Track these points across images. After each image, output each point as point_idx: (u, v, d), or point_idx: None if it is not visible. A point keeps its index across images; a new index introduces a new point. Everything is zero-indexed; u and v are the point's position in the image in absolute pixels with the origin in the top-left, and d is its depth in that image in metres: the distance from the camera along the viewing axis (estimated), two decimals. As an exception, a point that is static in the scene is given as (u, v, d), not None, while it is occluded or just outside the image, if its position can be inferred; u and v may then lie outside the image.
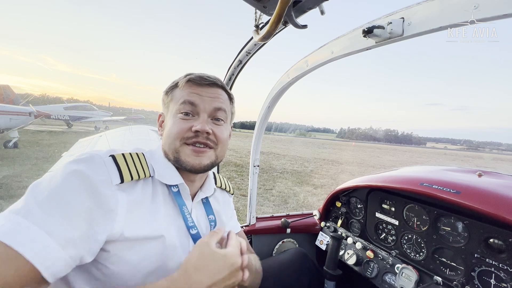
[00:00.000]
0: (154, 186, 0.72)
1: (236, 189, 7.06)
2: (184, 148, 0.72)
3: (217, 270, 0.59)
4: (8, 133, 11.43)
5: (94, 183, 0.57)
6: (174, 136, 0.72)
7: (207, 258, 0.60)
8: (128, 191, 0.64)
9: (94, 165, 0.60)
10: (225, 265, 0.60)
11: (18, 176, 1.97)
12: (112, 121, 29.13)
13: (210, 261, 0.59)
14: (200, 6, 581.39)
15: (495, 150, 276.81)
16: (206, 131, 0.71)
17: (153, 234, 0.65)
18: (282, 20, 0.64)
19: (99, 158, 0.62)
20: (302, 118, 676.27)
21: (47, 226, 0.50)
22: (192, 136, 0.72)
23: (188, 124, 0.72)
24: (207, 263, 0.59)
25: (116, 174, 0.62)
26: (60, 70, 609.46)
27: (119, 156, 0.66)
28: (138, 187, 0.67)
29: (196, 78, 0.76)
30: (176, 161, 0.73)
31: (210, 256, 0.60)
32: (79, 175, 0.56)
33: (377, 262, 1.24)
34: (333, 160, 18.83)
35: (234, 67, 1.40)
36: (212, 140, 0.74)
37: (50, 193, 0.53)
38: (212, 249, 0.61)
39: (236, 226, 1.03)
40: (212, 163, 0.77)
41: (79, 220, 0.53)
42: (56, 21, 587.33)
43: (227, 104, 0.81)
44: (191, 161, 0.72)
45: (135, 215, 0.63)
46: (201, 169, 0.74)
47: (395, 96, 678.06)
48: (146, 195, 0.68)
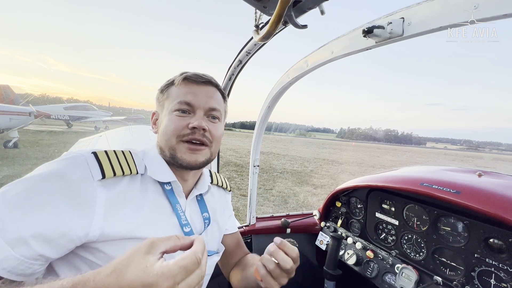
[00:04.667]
0: (143, 183, 0.71)
1: (236, 189, 7.06)
2: (180, 145, 0.72)
3: (129, 279, 0.43)
4: (8, 133, 11.43)
5: (66, 180, 0.57)
6: (171, 133, 0.72)
7: (129, 262, 0.44)
8: (110, 187, 0.64)
9: (70, 163, 0.60)
10: (143, 278, 0.42)
11: (18, 176, 1.98)
12: (112, 121, 29.12)
13: (130, 267, 0.44)
14: (200, 6, 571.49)
15: (495, 150, 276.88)
16: (203, 127, 0.72)
17: (137, 233, 0.63)
18: (282, 20, 0.64)
19: (80, 155, 0.63)
20: (302, 118, 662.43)
21: (0, 224, 0.50)
22: (189, 133, 0.72)
23: (184, 122, 0.73)
24: (125, 268, 0.44)
25: (97, 169, 0.62)
26: (60, 70, 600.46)
27: (101, 152, 0.66)
28: (123, 183, 0.67)
29: (193, 76, 0.77)
30: (172, 158, 0.73)
31: (134, 261, 0.44)
32: (49, 174, 0.57)
33: (377, 262, 1.24)
34: (333, 160, 18.84)
35: (234, 67, 1.40)
36: (207, 137, 0.75)
37: (18, 192, 0.53)
38: (141, 255, 0.45)
39: (233, 226, 1.03)
40: (207, 160, 0.77)
41: (41, 216, 0.53)
42: (56, 21, 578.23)
43: (221, 103, 0.82)
44: (187, 158, 0.72)
45: (117, 213, 0.62)
46: (197, 166, 0.75)
47: (395, 96, 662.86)
48: (132, 192, 0.67)
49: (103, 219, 0.60)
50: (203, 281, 0.50)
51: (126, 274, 0.43)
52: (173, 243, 0.48)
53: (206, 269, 0.83)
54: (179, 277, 0.43)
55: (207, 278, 0.87)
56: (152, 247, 0.45)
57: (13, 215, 0.51)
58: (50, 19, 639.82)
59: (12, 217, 0.51)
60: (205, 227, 0.83)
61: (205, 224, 0.83)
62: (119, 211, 0.63)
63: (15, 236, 0.50)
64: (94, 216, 0.58)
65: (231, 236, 1.01)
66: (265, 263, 0.67)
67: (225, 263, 1.00)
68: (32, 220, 0.52)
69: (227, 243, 0.98)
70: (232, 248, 1.00)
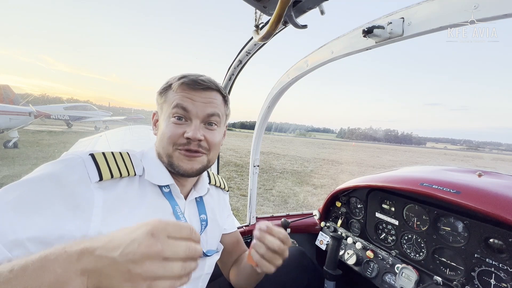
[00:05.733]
0: (141, 185, 0.71)
1: (236, 189, 7.06)
2: (176, 153, 0.72)
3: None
4: (8, 133, 11.42)
5: (63, 182, 0.57)
6: (167, 141, 0.72)
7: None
8: (108, 189, 0.64)
9: (68, 164, 0.60)
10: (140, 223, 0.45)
11: (18, 176, 1.97)
12: (112, 121, 29.12)
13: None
14: (200, 6, 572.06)
15: (495, 150, 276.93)
16: (197, 138, 0.71)
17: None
18: (282, 20, 0.64)
19: (78, 157, 0.63)
20: (302, 118, 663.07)
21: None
22: (184, 143, 0.72)
23: (180, 130, 0.72)
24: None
25: (94, 171, 0.62)
26: (60, 70, 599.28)
27: (98, 154, 0.66)
28: (120, 185, 0.67)
29: (190, 82, 0.74)
30: (170, 165, 0.73)
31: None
32: (47, 175, 0.57)
33: (377, 262, 1.24)
34: (333, 160, 18.84)
35: (234, 67, 1.40)
36: (203, 146, 0.74)
37: (16, 195, 0.53)
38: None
39: (232, 225, 1.03)
40: (204, 167, 0.77)
41: (38, 219, 0.53)
42: (56, 21, 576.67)
43: (221, 108, 0.79)
44: (184, 166, 0.72)
45: (115, 215, 0.62)
46: (193, 173, 0.75)
47: (395, 96, 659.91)
48: (130, 194, 0.67)
49: (101, 221, 0.59)
50: (191, 268, 0.46)
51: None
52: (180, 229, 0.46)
53: (206, 268, 0.84)
54: (170, 228, 0.44)
55: (206, 278, 0.87)
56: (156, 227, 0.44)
57: (10, 217, 0.51)
58: (50, 19, 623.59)
59: (9, 220, 0.51)
60: (202, 229, 0.83)
61: (202, 226, 0.83)
62: (117, 213, 0.63)
63: (12, 239, 0.50)
64: (91, 218, 0.58)
65: (230, 235, 1.02)
66: (256, 249, 0.70)
67: (224, 262, 1.01)
68: (29, 222, 0.52)
69: (227, 242, 0.99)
70: (231, 247, 1.00)
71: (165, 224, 0.44)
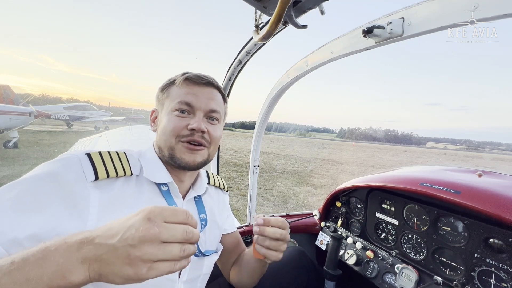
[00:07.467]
0: (138, 185, 0.71)
1: (236, 189, 7.06)
2: (179, 145, 0.73)
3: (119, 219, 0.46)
4: (8, 133, 11.42)
5: (60, 181, 0.57)
6: (170, 133, 0.73)
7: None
8: (104, 188, 0.64)
9: (65, 164, 0.61)
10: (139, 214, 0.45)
11: (18, 176, 1.98)
12: (112, 121, 29.12)
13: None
14: (200, 6, 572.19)
15: (495, 150, 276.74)
16: (202, 129, 0.73)
17: None
18: (282, 20, 0.64)
19: (75, 156, 0.63)
20: (302, 118, 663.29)
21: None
22: (188, 134, 0.73)
23: (184, 122, 0.73)
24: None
25: (90, 171, 0.62)
26: (60, 70, 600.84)
27: (95, 154, 0.66)
28: (117, 185, 0.67)
29: (194, 77, 0.77)
30: (171, 157, 0.73)
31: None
32: (45, 174, 0.57)
33: (377, 262, 1.24)
34: (333, 160, 18.84)
35: (234, 67, 1.40)
36: (206, 139, 0.76)
37: (13, 194, 0.54)
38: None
39: (231, 226, 1.03)
40: (205, 161, 0.78)
41: (36, 218, 0.53)
42: (56, 21, 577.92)
43: (221, 105, 0.82)
44: (186, 158, 0.73)
45: (111, 214, 0.62)
46: (195, 166, 0.75)
47: (395, 96, 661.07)
48: (126, 194, 0.68)
49: (97, 221, 0.60)
50: (189, 258, 0.47)
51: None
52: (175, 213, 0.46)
53: (204, 269, 0.84)
54: (166, 213, 0.45)
55: (205, 278, 0.87)
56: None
57: (7, 217, 0.51)
58: (50, 19, 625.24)
59: (7, 219, 0.51)
60: (201, 228, 0.83)
61: (202, 225, 0.83)
62: (113, 212, 0.63)
63: (10, 238, 0.50)
64: (88, 217, 0.59)
65: (230, 235, 1.01)
66: (260, 243, 0.72)
67: (225, 262, 1.00)
68: (26, 222, 0.52)
69: (227, 243, 0.98)
70: (231, 247, 1.00)
71: (161, 209, 0.45)
